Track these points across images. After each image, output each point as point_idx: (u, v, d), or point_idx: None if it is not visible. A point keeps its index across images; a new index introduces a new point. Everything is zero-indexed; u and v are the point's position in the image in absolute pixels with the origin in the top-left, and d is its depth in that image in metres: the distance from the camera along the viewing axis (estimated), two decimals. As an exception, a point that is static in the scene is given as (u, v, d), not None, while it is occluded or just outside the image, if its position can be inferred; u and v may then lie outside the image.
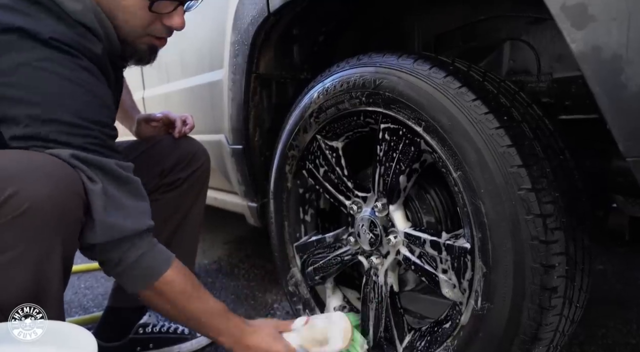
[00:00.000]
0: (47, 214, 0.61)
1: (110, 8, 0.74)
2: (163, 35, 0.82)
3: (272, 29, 0.98)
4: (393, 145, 0.76)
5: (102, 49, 0.73)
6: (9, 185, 0.59)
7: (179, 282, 0.76)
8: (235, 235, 2.15)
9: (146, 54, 0.83)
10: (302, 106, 0.93)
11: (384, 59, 0.75)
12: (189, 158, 1.11)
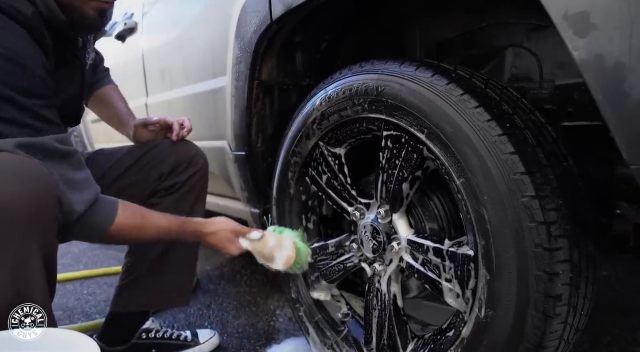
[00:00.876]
0: (18, 215, 0.60)
1: None
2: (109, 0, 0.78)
3: (275, 36, 0.99)
4: (396, 153, 0.76)
5: (33, 11, 0.69)
6: None
7: (129, 222, 0.81)
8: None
9: (96, 19, 0.79)
10: (305, 113, 0.93)
11: (387, 66, 0.76)
12: (187, 161, 1.12)
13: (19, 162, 0.63)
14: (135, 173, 1.07)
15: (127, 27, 1.78)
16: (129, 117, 1.18)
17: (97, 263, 1.97)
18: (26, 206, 0.60)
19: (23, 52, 0.66)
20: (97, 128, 2.34)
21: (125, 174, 1.05)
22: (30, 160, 0.65)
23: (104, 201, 0.79)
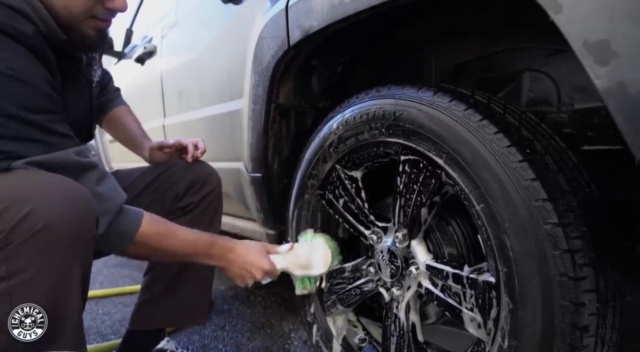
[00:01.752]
0: (61, 233, 0.61)
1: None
2: (107, 17, 0.79)
3: (292, 61, 1.00)
4: (413, 177, 0.76)
5: (33, 29, 0.69)
6: (24, 205, 0.60)
7: (154, 231, 0.81)
8: (251, 260, 2.14)
9: (95, 38, 0.79)
10: (322, 136, 0.94)
11: (404, 91, 0.76)
12: (201, 181, 1.13)
13: (59, 181, 0.65)
14: (151, 193, 1.08)
15: (146, 50, 1.83)
16: (143, 139, 1.20)
17: (112, 282, 1.98)
18: (69, 225, 0.62)
19: (26, 70, 0.68)
20: (114, 147, 2.38)
21: (141, 194, 1.07)
22: (69, 179, 0.66)
23: (129, 211, 0.79)
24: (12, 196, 0.61)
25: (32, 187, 0.63)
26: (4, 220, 0.59)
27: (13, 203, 0.60)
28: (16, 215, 0.59)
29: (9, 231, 0.59)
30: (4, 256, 0.59)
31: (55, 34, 0.74)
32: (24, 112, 0.66)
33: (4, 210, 0.60)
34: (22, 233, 0.59)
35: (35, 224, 0.59)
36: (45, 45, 0.72)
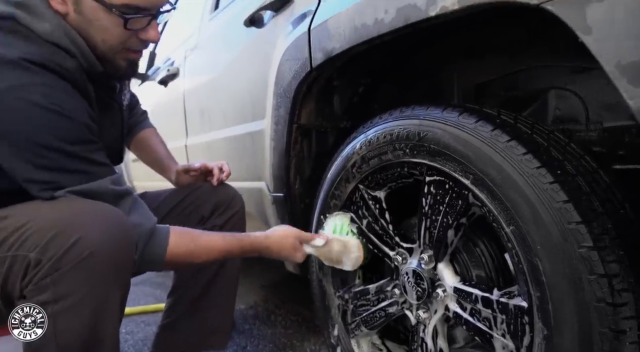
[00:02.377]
0: (107, 260, 0.65)
1: (85, 28, 0.75)
2: (140, 49, 0.83)
3: (314, 82, 1.02)
4: (439, 198, 0.75)
5: (75, 64, 0.74)
6: (73, 232, 0.63)
7: (183, 249, 0.81)
8: (271, 280, 2.14)
9: (127, 69, 0.84)
10: (344, 156, 0.94)
11: (428, 112, 0.76)
12: (225, 204, 1.15)
13: (103, 209, 0.68)
14: (177, 216, 1.10)
15: (169, 72, 1.88)
16: (169, 162, 1.23)
17: (135, 300, 2.00)
18: (112, 253, 0.65)
19: (68, 104, 0.71)
20: (137, 167, 2.43)
21: (167, 217, 1.08)
22: (110, 206, 0.69)
23: (157, 232, 0.80)
24: (61, 223, 0.64)
25: (79, 215, 0.65)
26: (55, 246, 0.62)
27: (63, 230, 0.63)
28: (66, 242, 0.62)
29: (58, 257, 0.62)
30: (52, 281, 0.62)
31: (94, 67, 0.79)
32: (65, 145, 0.69)
33: (55, 236, 0.63)
34: (70, 260, 0.62)
35: (82, 252, 0.62)
36: (85, 78, 0.76)
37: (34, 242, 0.64)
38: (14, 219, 0.68)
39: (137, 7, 0.74)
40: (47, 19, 0.73)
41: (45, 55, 0.70)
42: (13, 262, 0.65)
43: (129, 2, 0.73)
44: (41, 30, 0.72)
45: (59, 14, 0.74)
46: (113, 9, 0.73)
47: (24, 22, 0.72)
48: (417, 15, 0.70)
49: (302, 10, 1.03)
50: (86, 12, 0.74)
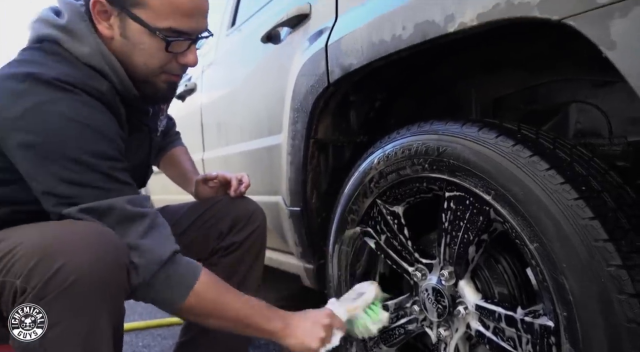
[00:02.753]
0: (93, 285, 0.63)
1: (128, 52, 0.79)
2: (178, 73, 0.86)
3: (331, 97, 1.02)
4: (459, 214, 0.74)
5: (108, 87, 0.77)
6: (57, 258, 0.61)
7: (210, 292, 0.78)
8: (286, 293, 2.13)
9: (166, 91, 0.87)
10: (362, 171, 0.94)
11: (447, 127, 0.76)
12: (245, 219, 1.13)
13: (91, 231, 0.66)
14: (196, 230, 1.10)
15: (187, 87, 1.91)
16: (192, 175, 1.23)
17: (152, 313, 2.00)
18: (98, 279, 0.63)
19: (98, 121, 0.73)
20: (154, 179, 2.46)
21: (187, 231, 1.08)
22: (101, 228, 0.68)
23: (185, 265, 0.77)
24: (46, 248, 0.62)
25: (65, 239, 0.64)
26: (38, 274, 0.61)
27: (47, 256, 0.61)
28: (49, 269, 0.61)
29: (42, 285, 0.60)
30: None
31: (128, 90, 0.82)
32: (91, 158, 0.70)
33: (38, 263, 0.61)
34: (54, 288, 0.60)
35: (67, 279, 0.61)
36: (118, 101, 0.79)
37: (19, 268, 0.63)
38: (6, 243, 0.67)
39: (179, 31, 0.77)
40: (88, 43, 0.77)
41: (80, 76, 0.73)
42: (3, 287, 0.64)
43: (172, 26, 0.76)
44: (80, 53, 0.76)
45: (105, 38, 0.78)
46: (157, 32, 0.76)
47: (66, 45, 0.76)
48: (435, 31, 0.70)
49: (318, 27, 1.05)
50: (131, 36, 0.78)
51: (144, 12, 0.75)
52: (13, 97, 0.69)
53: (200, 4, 0.79)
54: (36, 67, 0.71)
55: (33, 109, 0.68)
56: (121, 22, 0.77)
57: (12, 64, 0.74)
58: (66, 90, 0.70)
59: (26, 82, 0.69)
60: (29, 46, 0.78)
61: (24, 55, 0.76)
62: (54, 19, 0.78)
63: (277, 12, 1.26)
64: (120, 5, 0.76)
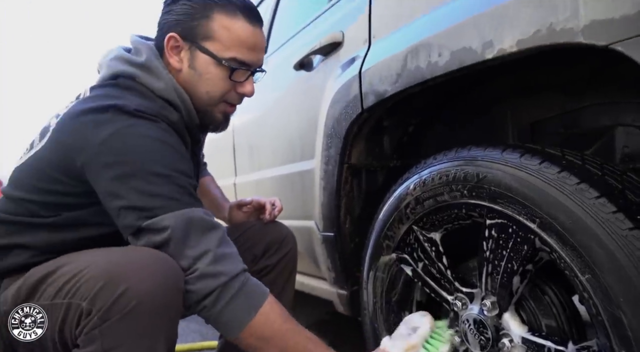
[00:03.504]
0: (153, 310, 0.65)
1: (193, 81, 0.86)
2: (236, 102, 0.93)
3: (364, 122, 1.03)
4: (502, 243, 0.72)
5: (178, 117, 0.84)
6: (121, 282, 0.64)
7: (274, 319, 0.76)
8: (316, 318, 2.10)
9: (222, 121, 0.94)
10: (397, 197, 0.93)
11: (486, 153, 0.74)
12: (278, 243, 1.15)
13: (152, 257, 0.69)
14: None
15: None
16: (223, 202, 1.26)
17: (182, 337, 2.00)
18: (159, 303, 0.65)
19: (176, 143, 0.80)
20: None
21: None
22: (162, 254, 0.70)
23: (252, 288, 0.77)
24: (111, 272, 0.65)
25: (128, 263, 0.67)
26: (104, 297, 0.63)
27: (111, 280, 0.64)
28: (114, 293, 0.63)
29: (107, 308, 0.63)
30: (100, 332, 0.63)
31: (193, 120, 0.89)
32: (169, 171, 0.74)
33: (104, 286, 0.64)
34: (117, 311, 0.63)
35: (129, 302, 0.63)
36: (185, 130, 0.86)
37: (85, 291, 0.65)
38: (73, 266, 0.70)
39: (242, 61, 0.86)
40: (163, 78, 0.84)
41: (156, 108, 0.80)
42: (68, 309, 0.67)
43: (236, 57, 0.85)
44: (156, 87, 0.83)
45: (173, 70, 0.86)
46: (223, 61, 0.84)
47: (142, 80, 0.83)
48: (472, 58, 0.70)
49: (351, 55, 1.06)
50: (198, 66, 0.85)
51: (212, 44, 0.84)
52: (96, 126, 0.73)
53: (261, 40, 0.88)
54: (117, 100, 0.76)
55: (116, 134, 0.73)
56: (191, 55, 0.85)
57: (90, 99, 0.79)
58: (146, 118, 0.76)
59: (109, 112, 0.74)
60: (104, 83, 0.83)
61: (99, 91, 0.81)
62: (131, 57, 0.84)
63: (309, 40, 1.29)
64: (192, 40, 0.84)
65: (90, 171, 0.74)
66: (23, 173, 0.81)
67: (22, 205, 0.79)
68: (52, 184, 0.77)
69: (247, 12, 0.85)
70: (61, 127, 0.78)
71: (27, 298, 0.72)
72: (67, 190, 0.77)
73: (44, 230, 0.78)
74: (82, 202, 0.78)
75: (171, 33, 0.84)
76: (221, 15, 0.83)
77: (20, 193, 0.80)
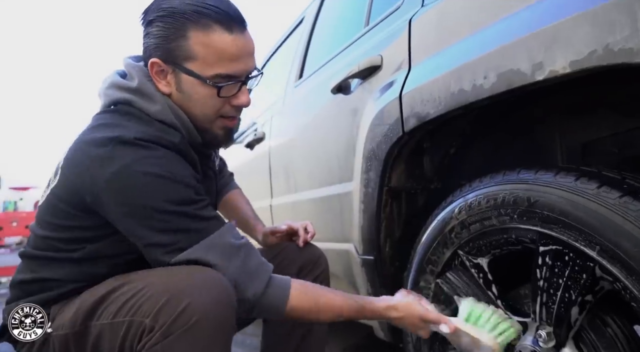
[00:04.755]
0: (212, 325, 0.67)
1: (186, 104, 0.84)
2: (234, 115, 0.89)
3: (405, 145, 1.02)
4: (557, 271, 0.69)
5: (180, 137, 0.82)
6: (183, 298, 0.66)
7: (305, 304, 0.84)
8: (353, 342, 2.05)
9: (223, 137, 0.91)
10: (441, 220, 0.91)
11: (538, 176, 0.72)
12: (312, 263, 1.15)
13: (208, 274, 0.71)
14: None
15: (256, 136, 2.00)
16: (255, 222, 1.27)
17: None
18: (216, 318, 0.67)
19: (178, 171, 0.78)
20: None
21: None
22: (211, 271, 0.73)
23: (277, 283, 0.82)
24: (172, 289, 0.68)
25: (187, 281, 0.69)
26: (166, 313, 0.66)
27: (173, 297, 0.66)
28: (175, 309, 0.65)
29: (169, 324, 0.65)
30: (162, 348, 0.65)
31: (195, 138, 0.87)
32: (179, 207, 0.75)
33: (166, 303, 0.66)
34: (179, 327, 0.65)
35: (190, 318, 0.65)
36: (189, 148, 0.84)
37: (148, 308, 0.68)
38: (131, 285, 0.73)
39: (227, 75, 0.81)
40: (158, 100, 0.83)
41: (155, 132, 0.79)
42: (130, 326, 0.69)
43: (219, 72, 0.80)
44: (152, 111, 0.82)
45: (164, 93, 0.84)
46: (207, 81, 0.80)
47: (138, 105, 0.83)
48: (521, 79, 0.69)
49: (390, 78, 1.07)
50: (185, 89, 0.83)
51: (194, 64, 0.80)
52: (100, 162, 0.74)
53: (245, 46, 0.82)
54: (116, 130, 0.77)
55: (120, 172, 0.73)
56: (176, 78, 0.82)
57: (92, 129, 0.80)
58: (145, 147, 0.76)
59: (109, 145, 0.74)
60: (104, 110, 0.85)
61: (100, 119, 0.82)
62: (124, 83, 0.84)
63: (346, 64, 1.31)
64: (174, 62, 0.81)
65: (102, 208, 0.76)
66: (43, 211, 0.83)
67: (47, 242, 0.81)
68: (70, 220, 0.79)
69: (223, 20, 0.78)
70: (69, 162, 0.79)
71: (85, 319, 0.74)
72: (85, 224, 0.79)
73: (74, 264, 0.81)
74: (102, 233, 0.80)
75: (153, 58, 0.81)
76: (196, 32, 0.78)
77: (43, 232, 0.82)
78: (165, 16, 0.78)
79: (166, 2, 0.79)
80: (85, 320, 0.74)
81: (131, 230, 0.77)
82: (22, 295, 0.82)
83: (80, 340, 0.75)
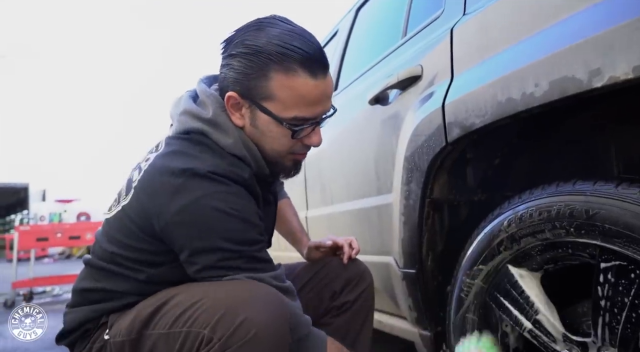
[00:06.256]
0: (268, 340, 0.67)
1: (257, 137, 0.84)
2: (304, 152, 0.90)
3: (448, 156, 1.00)
4: (622, 289, 0.64)
5: (249, 172, 0.83)
6: (240, 312, 0.67)
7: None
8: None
9: (292, 168, 0.92)
10: (488, 233, 0.88)
11: (596, 187, 0.68)
12: (357, 279, 1.14)
13: (266, 290, 0.72)
14: (310, 290, 1.11)
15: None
16: (302, 235, 1.27)
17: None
18: (272, 333, 0.67)
19: (243, 208, 0.79)
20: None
21: (302, 290, 1.10)
22: (272, 288, 0.74)
23: (314, 336, 0.81)
24: (230, 302, 0.68)
25: (245, 294, 0.70)
26: (224, 325, 0.66)
27: (231, 309, 0.67)
28: (234, 321, 0.66)
29: (228, 337, 0.66)
30: None
31: (262, 171, 0.88)
32: (238, 246, 0.77)
33: (224, 315, 0.67)
34: (237, 340, 0.65)
35: (248, 332, 0.65)
36: (255, 182, 0.85)
37: (206, 319, 0.69)
38: (188, 296, 0.74)
39: (304, 118, 0.81)
40: (232, 134, 0.83)
41: (227, 166, 0.79)
42: (187, 337, 0.70)
43: (297, 115, 0.80)
44: (226, 144, 0.83)
45: (237, 125, 0.84)
46: (284, 123, 0.80)
47: (213, 136, 0.83)
48: (576, 87, 0.66)
49: (431, 88, 1.05)
50: (260, 125, 0.83)
51: (272, 104, 0.80)
52: (172, 192, 0.75)
53: (326, 90, 0.81)
54: (190, 161, 0.77)
55: (190, 205, 0.74)
56: (251, 113, 0.82)
57: (166, 156, 0.81)
58: (217, 181, 0.76)
59: (182, 177, 0.75)
60: (178, 136, 0.86)
61: (174, 145, 0.83)
62: (199, 112, 0.84)
63: (383, 75, 1.30)
64: (251, 99, 0.81)
65: (168, 236, 0.78)
66: (113, 227, 0.85)
67: (113, 257, 0.83)
68: (139, 242, 0.80)
69: (307, 64, 0.77)
70: (143, 185, 0.80)
71: (142, 328, 0.76)
72: (152, 249, 0.80)
73: (136, 282, 0.83)
74: (166, 259, 0.81)
75: (230, 92, 0.81)
76: (279, 74, 0.77)
77: (111, 247, 0.83)
78: (249, 54, 0.77)
79: (250, 38, 0.78)
80: (141, 329, 0.76)
81: (191, 260, 0.78)
82: (84, 302, 0.85)
83: (136, 347, 0.76)
